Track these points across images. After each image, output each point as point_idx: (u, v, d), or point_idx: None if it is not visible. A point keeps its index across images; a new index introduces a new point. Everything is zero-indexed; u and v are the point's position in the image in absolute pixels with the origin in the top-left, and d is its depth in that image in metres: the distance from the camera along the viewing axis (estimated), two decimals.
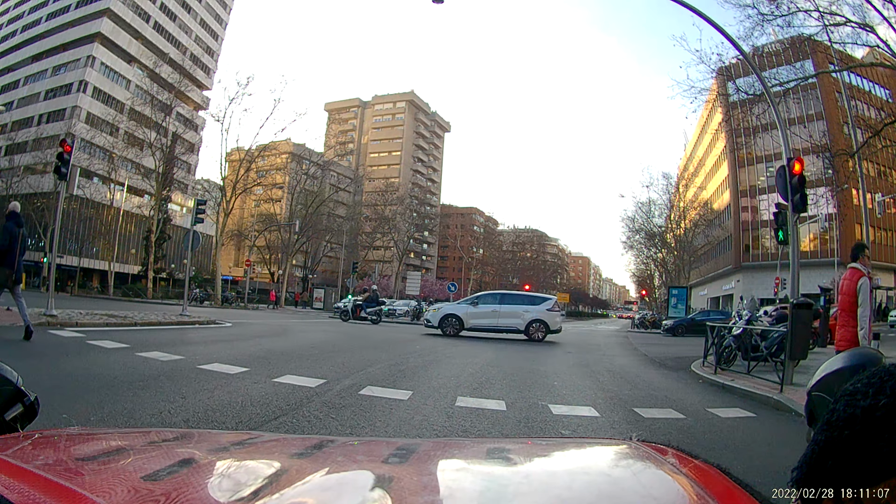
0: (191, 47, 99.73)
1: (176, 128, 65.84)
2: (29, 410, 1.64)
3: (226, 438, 2.07)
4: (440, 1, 20.74)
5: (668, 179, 79.35)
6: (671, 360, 20.05)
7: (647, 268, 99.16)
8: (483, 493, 1.34)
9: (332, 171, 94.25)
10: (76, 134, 65.53)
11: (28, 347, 11.99)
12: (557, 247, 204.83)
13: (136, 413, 7.04)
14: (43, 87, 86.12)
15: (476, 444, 2.79)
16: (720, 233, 79.74)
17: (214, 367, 10.93)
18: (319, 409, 8.08)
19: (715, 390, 13.21)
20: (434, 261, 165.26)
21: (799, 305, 13.24)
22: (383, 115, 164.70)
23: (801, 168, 14.09)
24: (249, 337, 19.85)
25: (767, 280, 58.34)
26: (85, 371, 9.58)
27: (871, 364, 1.13)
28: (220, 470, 1.45)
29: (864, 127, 31.16)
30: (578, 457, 1.92)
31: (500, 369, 14.90)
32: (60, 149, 19.43)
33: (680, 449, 1.72)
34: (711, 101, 32.18)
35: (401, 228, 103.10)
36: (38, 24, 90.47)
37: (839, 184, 37.18)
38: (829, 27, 24.17)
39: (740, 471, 1.44)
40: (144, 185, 68.56)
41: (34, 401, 1.64)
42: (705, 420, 9.54)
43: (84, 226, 73.81)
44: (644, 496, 1.37)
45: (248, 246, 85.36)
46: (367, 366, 13.35)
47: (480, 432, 7.66)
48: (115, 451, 1.57)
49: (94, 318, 18.93)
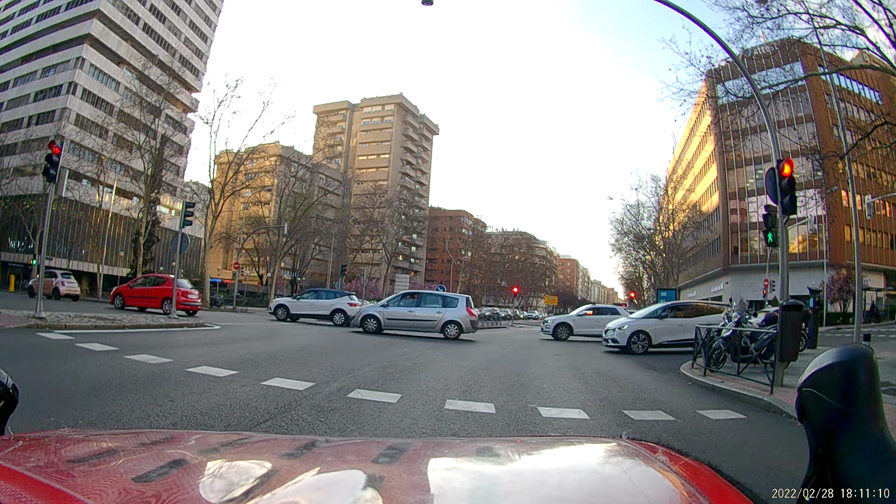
0: (180, 49, 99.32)
1: (165, 130, 65.35)
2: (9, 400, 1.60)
3: (216, 439, 2.06)
4: (429, 3, 20.76)
5: (656, 182, 79.41)
6: (660, 362, 20.07)
7: (636, 270, 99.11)
8: (474, 492, 1.34)
9: (321, 173, 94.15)
10: (65, 136, 65.47)
11: (16, 350, 11.96)
12: (546, 249, 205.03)
13: (124, 416, 7.03)
14: (32, 88, 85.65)
15: (466, 443, 2.79)
16: (709, 235, 79.98)
17: (203, 370, 10.91)
18: (308, 412, 8.08)
19: (705, 392, 13.24)
20: (423, 263, 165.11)
21: (789, 307, 13.27)
22: (372, 118, 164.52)
23: (790, 170, 14.13)
24: (238, 340, 19.83)
25: (756, 282, 58.54)
26: (73, 374, 9.55)
27: (861, 360, 1.14)
28: (211, 470, 1.45)
29: (854, 129, 31.24)
30: (569, 455, 1.93)
31: (489, 372, 14.91)
32: (49, 151, 19.37)
33: (670, 447, 1.72)
34: (700, 104, 32.20)
35: (389, 231, 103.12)
36: (28, 25, 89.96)
37: (828, 186, 37.36)
38: (818, 29, 24.21)
39: (731, 472, 1.44)
40: (133, 187, 68.22)
41: (12, 388, 1.59)
42: (695, 422, 9.56)
43: (73, 228, 73.44)
44: (635, 494, 1.37)
45: (236, 248, 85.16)
46: (355, 368, 13.35)
47: (470, 435, 7.67)
48: (106, 452, 1.57)
49: (82, 321, 18.87)
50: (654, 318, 26.07)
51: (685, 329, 24.20)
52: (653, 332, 25.14)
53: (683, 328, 24.41)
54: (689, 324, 23.84)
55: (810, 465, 1.18)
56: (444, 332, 28.12)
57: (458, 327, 28.16)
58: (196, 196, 67.37)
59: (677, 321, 25.39)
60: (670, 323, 25.47)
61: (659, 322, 25.56)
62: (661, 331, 25.25)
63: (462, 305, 28.74)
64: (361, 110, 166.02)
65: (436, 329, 28.22)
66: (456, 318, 28.23)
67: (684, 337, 24.17)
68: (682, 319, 25.42)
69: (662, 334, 25.21)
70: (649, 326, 25.31)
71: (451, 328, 28.15)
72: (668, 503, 1.36)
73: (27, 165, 68.73)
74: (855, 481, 1.08)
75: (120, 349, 12.91)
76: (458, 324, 28.17)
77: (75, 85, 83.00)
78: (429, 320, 28.24)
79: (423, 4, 20.67)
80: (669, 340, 25.06)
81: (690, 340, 23.23)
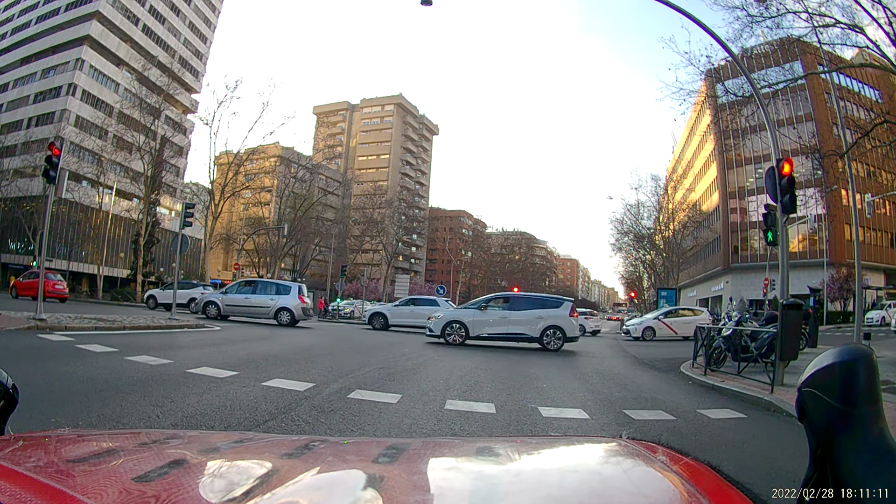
0: (179, 50, 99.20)
1: (164, 131, 65.50)
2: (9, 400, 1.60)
3: (216, 439, 2.06)
4: (429, 3, 20.76)
5: (656, 181, 79.47)
6: (660, 362, 20.08)
7: (636, 270, 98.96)
8: (474, 493, 1.34)
9: (321, 174, 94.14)
10: (65, 137, 65.34)
11: (17, 351, 11.96)
12: (546, 249, 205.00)
13: (125, 417, 7.03)
14: (32, 90, 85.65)
15: (466, 443, 2.80)
16: (709, 234, 79.97)
17: (203, 370, 10.91)
18: (308, 412, 8.08)
19: (705, 391, 13.24)
20: (423, 263, 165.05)
21: (789, 306, 13.28)
22: (372, 119, 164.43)
23: (790, 169, 14.13)
24: (238, 340, 19.81)
25: (756, 281, 58.54)
26: (73, 375, 9.54)
27: (861, 360, 1.14)
28: (211, 470, 1.45)
29: (854, 127, 31.28)
30: (569, 455, 1.92)
31: (489, 372, 14.91)
32: (49, 152, 19.30)
33: (670, 447, 1.72)
34: (700, 103, 32.15)
35: (389, 231, 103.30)
36: (27, 26, 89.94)
37: (828, 185, 37.31)
38: (818, 28, 24.19)
39: (732, 471, 1.44)
40: (133, 188, 68.20)
41: (12, 388, 1.59)
42: (696, 421, 9.56)
43: (73, 229, 73.29)
44: (634, 493, 1.37)
45: (236, 249, 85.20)
46: (355, 369, 13.35)
47: (470, 435, 7.68)
48: (106, 452, 1.57)
49: (82, 322, 18.83)
50: (473, 308, 25.88)
51: (510, 322, 24.64)
52: (470, 323, 24.99)
53: (508, 321, 24.69)
54: (517, 317, 24.63)
55: (810, 465, 1.18)
56: (278, 318, 30.00)
57: (290, 314, 30.19)
58: (196, 197, 67.56)
59: (501, 313, 25.17)
60: (493, 314, 25.20)
61: (479, 314, 25.25)
62: (481, 322, 25.01)
63: (294, 294, 30.56)
64: (361, 111, 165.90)
65: (269, 315, 30.09)
66: (288, 305, 30.17)
67: (510, 330, 24.61)
68: (507, 312, 25.27)
69: (482, 326, 25.01)
70: (466, 317, 25.19)
71: (284, 315, 30.16)
72: (668, 503, 1.36)
73: (27, 167, 68.83)
74: (855, 481, 1.08)
75: (120, 350, 12.89)
76: (290, 311, 30.21)
77: (75, 86, 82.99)
78: (262, 307, 29.93)
79: (423, 4, 20.68)
80: (490, 333, 24.98)
81: (517, 334, 24.60)
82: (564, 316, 24.99)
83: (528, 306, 25.53)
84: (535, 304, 25.82)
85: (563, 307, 25.44)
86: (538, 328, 24.51)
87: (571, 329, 24.94)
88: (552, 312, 25.14)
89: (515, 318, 25.04)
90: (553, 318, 24.79)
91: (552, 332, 24.47)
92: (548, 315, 24.97)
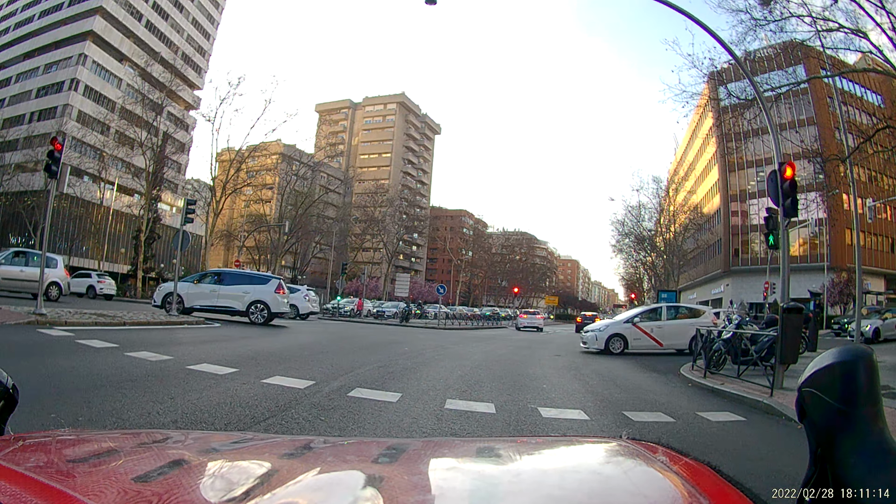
0: (182, 46, 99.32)
1: (167, 127, 65.72)
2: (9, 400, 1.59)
3: (216, 439, 2.06)
4: (433, 2, 20.74)
5: (658, 183, 79.35)
6: (660, 364, 20.05)
7: (637, 271, 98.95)
8: (474, 493, 1.34)
9: (322, 172, 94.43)
10: (67, 132, 65.25)
11: (16, 346, 11.94)
12: (546, 250, 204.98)
13: (124, 413, 7.01)
14: (34, 84, 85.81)
15: (466, 443, 2.79)
16: (710, 237, 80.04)
17: (203, 367, 10.91)
18: (308, 410, 8.09)
19: (705, 394, 13.25)
20: (423, 263, 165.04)
21: (789, 310, 13.28)
22: (374, 117, 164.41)
23: (792, 173, 14.14)
24: (238, 337, 19.76)
25: (757, 284, 58.44)
26: (73, 371, 9.53)
27: (861, 360, 1.14)
28: (210, 470, 1.45)
29: (856, 132, 31.17)
30: (569, 455, 1.93)
31: (490, 372, 14.94)
32: (51, 147, 19.26)
33: (670, 447, 1.72)
34: (702, 106, 32.09)
35: (390, 230, 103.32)
36: (30, 21, 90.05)
37: (830, 189, 37.31)
38: (821, 32, 24.17)
39: (731, 473, 1.44)
40: (134, 184, 68.45)
41: (12, 388, 1.58)
42: (695, 424, 9.56)
43: (74, 224, 73.50)
44: (635, 494, 1.37)
45: (237, 246, 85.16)
46: (355, 367, 13.36)
47: (470, 435, 7.67)
48: (106, 452, 1.57)
49: (83, 318, 18.81)
50: (188, 282, 27.71)
51: (220, 295, 26.47)
52: (186, 295, 26.54)
53: (217, 294, 26.54)
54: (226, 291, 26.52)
55: (810, 465, 1.18)
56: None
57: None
58: (197, 193, 67.67)
59: (211, 286, 26.90)
60: (204, 287, 27.10)
61: (193, 287, 27.14)
62: (195, 295, 26.76)
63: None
64: (363, 109, 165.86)
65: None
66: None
67: (219, 303, 26.42)
68: (217, 286, 26.81)
69: (196, 298, 26.68)
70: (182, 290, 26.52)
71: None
72: (668, 503, 1.36)
73: (29, 161, 68.69)
74: (855, 481, 1.08)
75: (120, 346, 12.88)
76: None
77: (77, 81, 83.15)
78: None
79: (427, 4, 20.67)
80: (202, 305, 26.63)
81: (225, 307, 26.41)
82: (270, 292, 26.46)
83: (236, 281, 27.12)
84: (243, 279, 27.55)
85: (269, 284, 27.00)
86: (245, 301, 26.17)
87: (276, 305, 26.47)
88: (258, 288, 26.67)
89: (224, 293, 26.62)
90: (258, 293, 26.35)
91: (258, 306, 26.09)
92: (254, 290, 26.45)
